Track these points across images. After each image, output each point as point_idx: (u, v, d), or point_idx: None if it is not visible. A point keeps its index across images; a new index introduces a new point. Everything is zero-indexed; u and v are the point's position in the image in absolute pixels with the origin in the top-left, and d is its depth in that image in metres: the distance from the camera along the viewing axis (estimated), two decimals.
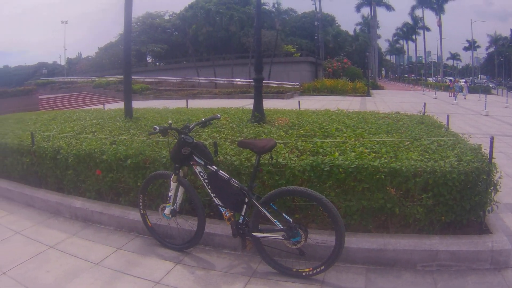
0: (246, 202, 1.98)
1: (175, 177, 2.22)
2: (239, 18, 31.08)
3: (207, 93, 20.98)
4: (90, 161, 2.89)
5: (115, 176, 2.73)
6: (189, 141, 2.11)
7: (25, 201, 3.57)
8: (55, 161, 3.24)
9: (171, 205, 2.26)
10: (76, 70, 40.31)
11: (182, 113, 5.26)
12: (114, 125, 4.13)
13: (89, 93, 25.36)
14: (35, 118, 6.04)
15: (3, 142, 4.04)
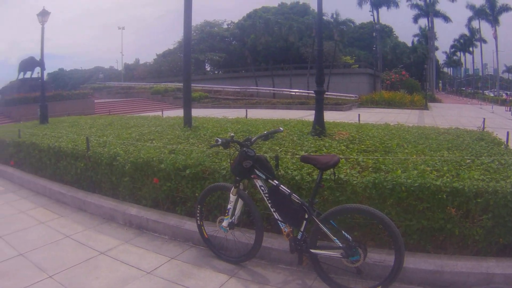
0: (306, 218, 2.47)
1: (235, 189, 2.80)
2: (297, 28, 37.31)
3: (265, 103, 25.24)
4: (147, 169, 3.69)
5: (173, 185, 3.45)
6: (251, 154, 2.69)
7: (77, 205, 4.51)
8: (111, 168, 4.13)
9: (229, 218, 2.84)
10: (134, 76, 48.14)
11: (241, 123, 6.23)
12: (173, 134, 5.06)
13: (147, 99, 30.93)
14: (90, 122, 7.42)
15: (56, 145, 5.16)
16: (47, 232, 3.90)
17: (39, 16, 11.65)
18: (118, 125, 6.91)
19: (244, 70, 39.17)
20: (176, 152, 3.74)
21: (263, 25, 38.09)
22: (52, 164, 5.24)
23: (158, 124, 6.76)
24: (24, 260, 3.25)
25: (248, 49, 36.45)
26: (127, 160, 3.88)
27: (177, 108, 23.79)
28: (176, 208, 3.54)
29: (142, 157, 3.76)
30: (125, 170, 3.89)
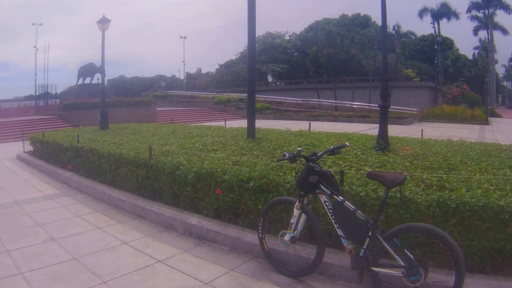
0: (370, 236, 3.05)
1: (299, 204, 3.46)
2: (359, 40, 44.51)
3: (327, 116, 29.79)
4: (211, 180, 4.59)
5: (236, 197, 4.27)
6: (317, 169, 3.36)
7: (136, 212, 5.58)
8: (173, 177, 5.12)
9: (292, 232, 3.50)
10: (196, 85, 59.84)
11: (304, 136, 7.33)
12: (236, 145, 6.08)
13: (209, 109, 37.37)
14: (153, 130, 8.94)
15: (118, 152, 6.40)
16: (103, 237, 4.90)
17: (99, 23, 14.19)
18: (181, 134, 8.34)
19: (306, 82, 46.48)
20: (240, 164, 4.58)
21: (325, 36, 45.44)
22: (112, 170, 6.50)
23: (221, 134, 8.07)
24: (78, 264, 4.07)
25: (310, 61, 42.12)
26: (190, 170, 4.83)
27: (239, 119, 28.36)
28: (238, 219, 4.34)
29: (205, 167, 4.68)
30: (188, 180, 4.84)
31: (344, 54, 45.02)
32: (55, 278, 3.77)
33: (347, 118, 28.16)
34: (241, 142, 6.51)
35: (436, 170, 4.03)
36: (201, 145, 6.43)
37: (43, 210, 6.30)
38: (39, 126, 24.56)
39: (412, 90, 35.24)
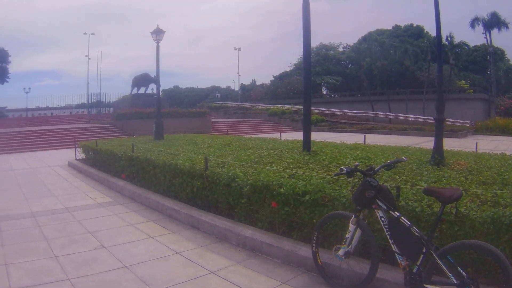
0: (424, 252, 3.43)
1: (355, 219, 3.91)
2: (413, 52, 48.89)
3: (381, 128, 32.51)
4: (266, 193, 5.16)
5: (291, 210, 4.82)
6: (374, 184, 3.82)
7: (190, 222, 6.29)
8: (228, 188, 5.76)
9: (346, 247, 3.97)
10: (251, 97, 65.89)
11: (360, 149, 8.03)
12: (292, 158, 6.75)
13: (264, 120, 41.46)
14: (208, 141, 9.94)
15: (173, 163, 7.19)
16: (155, 247, 5.60)
17: (154, 34, 15.78)
18: (236, 146, 9.30)
19: (360, 94, 51.73)
20: (296, 177, 5.13)
21: (378, 48, 49.54)
22: (167, 180, 7.30)
23: (276, 147, 8.93)
24: (128, 273, 4.64)
25: (364, 73, 46.74)
26: (246, 182, 5.45)
27: (294, 131, 33.24)
28: (292, 233, 4.87)
29: (261, 180, 5.26)
30: (243, 192, 5.46)
31: (398, 66, 49.87)
32: (103, 285, 4.31)
33: (401, 130, 30.67)
34: (296, 155, 7.21)
35: (490, 186, 4.41)
36: (257, 157, 7.15)
37: (95, 218, 7.21)
38: (92, 134, 27.23)
39: (465, 102, 38.34)
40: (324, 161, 6.43)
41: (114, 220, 6.99)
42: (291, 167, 5.98)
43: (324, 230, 4.41)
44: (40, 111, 56.25)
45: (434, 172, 5.31)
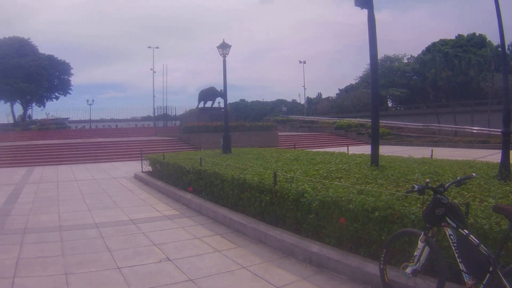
0: (491, 271, 3.77)
1: (424, 237, 4.30)
2: (476, 62, 51.17)
3: (447, 141, 35.49)
4: (335, 209, 5.70)
5: (359, 226, 5.29)
6: (444, 202, 4.19)
7: (257, 237, 6.92)
8: (297, 204, 6.36)
9: (414, 265, 4.35)
10: (317, 110, 73.19)
11: (427, 164, 8.56)
12: (360, 173, 7.32)
13: (330, 134, 44.90)
14: (276, 156, 10.85)
15: (242, 177, 7.90)
16: (222, 260, 6.23)
17: (220, 48, 17.22)
18: (304, 161, 10.05)
19: (426, 106, 57.57)
20: (365, 193, 5.62)
21: (442, 59, 51.94)
22: (235, 195, 8.05)
23: (344, 161, 9.60)
24: (193, 286, 5.13)
25: (429, 84, 52.32)
26: (315, 198, 6.01)
27: (360, 144, 36.23)
28: (360, 249, 5.34)
29: (330, 196, 5.80)
30: (312, 208, 6.01)
31: (462, 77, 52.84)
32: None
33: (467, 143, 33.05)
34: (364, 170, 7.80)
35: None
36: (325, 172, 7.78)
37: (160, 230, 8.03)
38: (158, 147, 29.67)
39: None
40: (392, 176, 6.92)
41: (180, 233, 7.77)
42: (360, 182, 6.49)
43: (392, 247, 4.85)
44: (104, 123, 61.98)
45: (501, 187, 5.62)
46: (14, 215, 9.85)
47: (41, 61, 58.89)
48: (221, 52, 17.26)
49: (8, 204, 11.57)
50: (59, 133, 46.01)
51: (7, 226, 8.67)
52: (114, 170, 20.52)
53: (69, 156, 27.85)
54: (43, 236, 7.74)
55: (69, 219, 9.24)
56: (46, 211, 10.38)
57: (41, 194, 13.38)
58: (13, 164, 25.31)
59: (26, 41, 59.66)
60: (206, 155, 13.65)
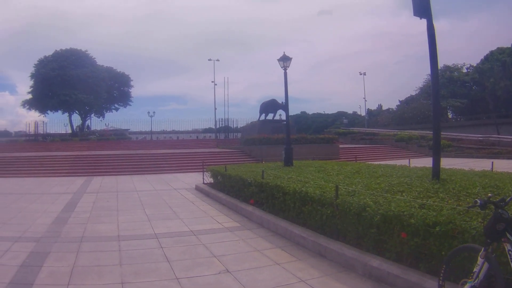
0: None
1: (484, 252, 4.59)
2: None
3: (507, 153, 37.67)
4: (396, 223, 6.13)
5: (420, 241, 5.66)
6: (505, 217, 4.46)
7: (317, 250, 7.41)
8: (358, 218, 6.80)
9: (473, 281, 4.64)
10: (378, 122, 75.44)
11: (488, 177, 8.96)
12: (421, 186, 7.74)
13: (390, 146, 47.83)
14: (337, 168, 11.53)
15: (303, 190, 8.42)
16: (281, 273, 6.73)
17: (281, 61, 18.32)
18: (365, 174, 10.67)
19: (486, 117, 61.82)
20: (426, 207, 6.00)
21: (500, 68, 56.53)
22: (296, 208, 8.61)
23: (406, 174, 10.11)
24: None
25: (488, 94, 56.07)
26: (376, 212, 6.44)
27: (421, 157, 38.64)
28: (419, 264, 5.71)
29: (392, 210, 6.22)
30: (373, 222, 6.44)
31: None
32: None
33: None
34: (426, 183, 8.19)
35: None
36: (387, 185, 8.23)
37: (220, 242, 8.66)
38: (220, 159, 31.32)
39: None
40: (453, 190, 7.26)
41: (240, 245, 8.38)
42: (421, 196, 6.86)
43: (452, 263, 5.21)
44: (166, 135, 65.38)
45: None
46: (71, 224, 10.84)
47: (100, 72, 63.63)
48: (282, 64, 18.30)
49: (65, 212, 12.68)
50: (119, 144, 49.11)
51: (63, 234, 9.54)
52: (175, 181, 21.73)
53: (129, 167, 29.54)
54: (100, 245, 8.52)
55: (128, 229, 10.06)
56: (104, 220, 11.34)
57: (99, 204, 14.54)
58: (71, 174, 27.38)
59: (84, 53, 64.38)
60: (268, 167, 14.39)
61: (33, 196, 16.76)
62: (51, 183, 22.54)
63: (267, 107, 44.22)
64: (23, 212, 12.77)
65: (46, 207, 13.75)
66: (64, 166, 29.89)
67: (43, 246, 8.44)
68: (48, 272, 6.77)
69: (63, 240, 9.03)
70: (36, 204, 14.67)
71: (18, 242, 8.75)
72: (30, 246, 8.39)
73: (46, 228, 10.29)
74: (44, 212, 12.80)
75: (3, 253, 7.82)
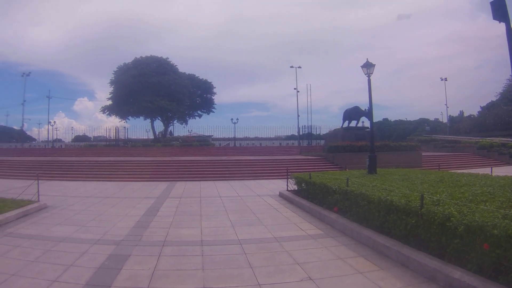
0: None
1: None
2: None
3: None
4: (480, 234, 6.44)
5: (501, 253, 5.97)
6: None
7: (400, 260, 7.82)
8: (442, 228, 7.16)
9: None
10: (459, 129, 78.68)
11: None
12: (504, 196, 8.10)
13: (472, 154, 48.79)
14: (421, 177, 12.15)
15: (388, 199, 8.84)
16: (363, 283, 7.19)
17: (364, 67, 18.95)
18: (449, 182, 11.14)
19: None
20: (509, 218, 6.30)
21: None
22: (380, 216, 9.07)
23: (488, 183, 10.60)
24: None
25: None
26: (460, 222, 6.78)
27: (502, 165, 39.94)
28: (499, 276, 6.04)
29: (476, 220, 6.56)
30: (457, 232, 6.79)
31: None
32: None
33: None
34: (508, 193, 8.56)
35: None
36: (470, 195, 8.58)
37: (303, 249, 9.20)
38: (303, 166, 32.50)
39: None
40: None
41: (323, 253, 8.88)
42: (504, 206, 7.18)
43: None
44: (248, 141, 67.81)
45: None
46: (153, 228, 11.70)
47: (182, 80, 66.95)
48: (365, 71, 18.83)
49: (147, 216, 13.68)
50: (202, 150, 50.97)
51: (145, 238, 10.38)
52: (258, 188, 22.55)
53: (212, 173, 30.78)
54: (182, 250, 9.21)
55: (211, 234, 10.80)
56: (187, 225, 12.15)
57: (182, 208, 15.52)
58: (153, 179, 28.90)
59: (165, 60, 67.70)
60: (352, 175, 14.95)
61: (114, 200, 18.07)
62: (132, 187, 24.02)
63: (350, 114, 45.51)
64: (103, 215, 13.87)
65: (127, 211, 14.82)
66: (146, 171, 31.53)
67: (123, 249, 9.22)
68: (128, 275, 7.48)
69: (144, 243, 9.80)
70: (117, 207, 15.84)
71: (97, 245, 9.60)
72: (109, 249, 9.19)
73: (127, 231, 11.18)
74: (125, 215, 13.82)
75: (80, 255, 8.63)
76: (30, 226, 11.82)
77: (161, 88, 62.08)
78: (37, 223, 12.31)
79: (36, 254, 8.70)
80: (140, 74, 61.69)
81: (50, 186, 23.44)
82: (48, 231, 11.16)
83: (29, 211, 14.03)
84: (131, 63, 65.80)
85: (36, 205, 14.91)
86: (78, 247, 9.29)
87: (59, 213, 14.34)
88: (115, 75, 65.32)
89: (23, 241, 9.90)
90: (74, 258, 8.46)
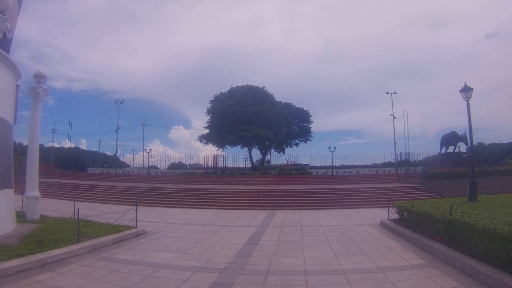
0: None
1: None
2: None
3: None
4: None
5: None
6: None
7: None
8: None
9: None
10: None
11: None
12: None
13: None
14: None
15: (492, 227, 9.21)
16: None
17: (462, 92, 19.38)
18: None
19: None
20: None
21: None
22: (483, 245, 9.38)
23: None
24: None
25: None
26: None
27: None
28: None
29: None
30: None
31: None
32: None
33: None
34: None
35: None
36: None
37: (407, 279, 9.51)
38: (401, 194, 32.68)
39: None
40: None
41: (427, 283, 9.19)
42: None
43: None
44: (345, 169, 68.19)
45: None
46: (256, 256, 12.25)
47: (279, 108, 68.40)
48: (463, 96, 19.13)
49: (249, 245, 14.32)
50: (300, 179, 51.68)
51: (248, 267, 10.90)
52: (358, 217, 22.96)
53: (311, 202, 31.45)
54: (286, 279, 9.66)
55: (315, 264, 11.25)
56: (290, 254, 12.66)
57: (284, 238, 16.13)
58: (253, 207, 29.84)
59: (261, 89, 69.92)
60: (452, 203, 15.17)
61: (214, 228, 18.96)
62: (232, 215, 24.99)
63: (448, 140, 46.17)
64: (204, 243, 14.65)
65: (228, 239, 15.56)
66: (246, 199, 32.50)
67: (227, 277, 9.74)
68: None
69: (247, 272, 10.29)
70: (218, 235, 16.67)
71: (200, 272, 10.20)
72: (212, 277, 9.74)
73: (229, 259, 11.77)
74: (226, 243, 14.54)
75: (182, 282, 9.19)
76: (128, 251, 12.65)
77: (258, 117, 63.87)
78: (134, 249, 13.14)
79: (134, 280, 9.38)
80: (237, 104, 63.99)
81: (147, 212, 24.96)
82: (147, 257, 11.90)
83: (126, 236, 15.00)
84: (227, 92, 68.68)
85: (133, 231, 15.97)
86: (180, 274, 9.88)
87: (158, 239, 15.28)
88: (212, 104, 68.13)
89: (121, 266, 10.63)
90: (176, 285, 9.05)
